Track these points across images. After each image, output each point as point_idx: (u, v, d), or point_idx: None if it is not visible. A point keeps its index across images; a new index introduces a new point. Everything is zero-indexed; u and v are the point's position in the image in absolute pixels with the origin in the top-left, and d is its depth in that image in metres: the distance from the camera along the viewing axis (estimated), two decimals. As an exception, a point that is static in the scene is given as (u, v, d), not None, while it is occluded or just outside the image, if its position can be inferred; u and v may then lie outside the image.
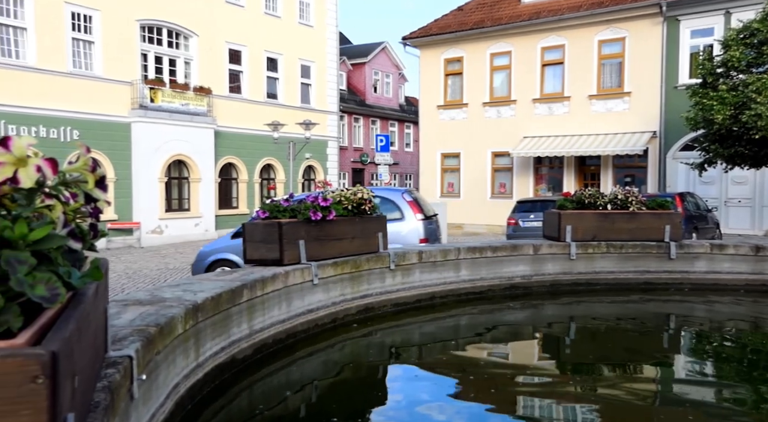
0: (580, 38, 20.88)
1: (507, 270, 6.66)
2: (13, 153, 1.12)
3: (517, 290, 6.75)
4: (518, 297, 6.72)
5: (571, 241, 6.98)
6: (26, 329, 1.04)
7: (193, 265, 9.80)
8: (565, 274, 7.05)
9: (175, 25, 21.59)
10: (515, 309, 6.51)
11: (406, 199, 8.44)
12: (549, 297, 6.92)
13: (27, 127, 18.11)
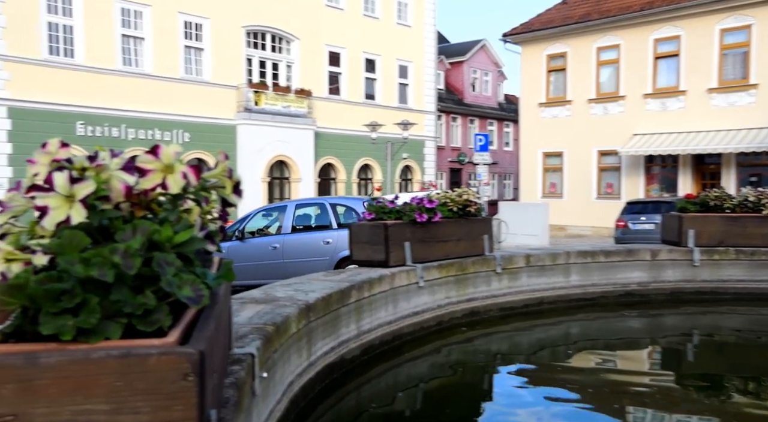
0: (698, 28, 19.41)
1: (621, 276, 6.26)
2: (161, 160, 1.14)
3: (632, 297, 6.33)
4: (634, 305, 6.29)
5: (694, 247, 6.45)
6: (174, 328, 1.04)
7: None
8: (687, 282, 6.52)
9: (279, 29, 22.46)
10: (631, 318, 6.10)
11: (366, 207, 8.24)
12: (669, 306, 6.43)
13: (144, 130, 19.57)
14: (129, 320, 1.01)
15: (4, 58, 16.91)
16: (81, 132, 18.35)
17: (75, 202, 1.06)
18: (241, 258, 9.61)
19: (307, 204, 10.62)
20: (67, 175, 1.07)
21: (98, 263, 1.00)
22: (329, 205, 9.66)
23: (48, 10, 17.65)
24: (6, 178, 17.17)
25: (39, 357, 0.92)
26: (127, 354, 0.94)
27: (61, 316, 0.96)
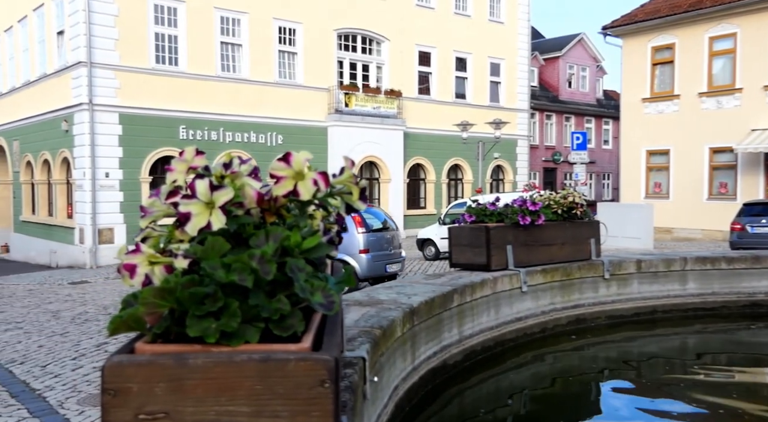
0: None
1: (747, 285, 5.79)
2: (293, 167, 1.17)
3: (759, 308, 5.83)
4: (762, 317, 5.80)
5: (834, 254, 5.85)
6: (306, 333, 1.07)
7: None
8: (824, 294, 5.92)
9: (369, 31, 22.81)
10: (758, 331, 5.63)
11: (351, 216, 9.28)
12: (801, 320, 5.88)
13: (240, 133, 20.53)
14: (266, 324, 1.05)
15: (117, 67, 18.32)
16: (183, 136, 19.54)
17: (215, 208, 1.11)
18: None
19: None
20: (208, 183, 1.12)
21: (238, 268, 1.04)
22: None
23: (155, 21, 18.93)
24: (118, 179, 18.59)
25: (187, 357, 0.97)
26: (267, 359, 0.97)
27: (205, 319, 1.01)
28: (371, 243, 10.45)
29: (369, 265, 10.56)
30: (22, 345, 7.84)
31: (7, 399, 5.45)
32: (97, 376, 6.13)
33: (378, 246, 10.48)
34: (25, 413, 5.04)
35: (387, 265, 10.93)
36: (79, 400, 5.37)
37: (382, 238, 10.72)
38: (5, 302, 12.54)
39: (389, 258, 10.98)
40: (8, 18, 22.83)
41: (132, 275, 1.26)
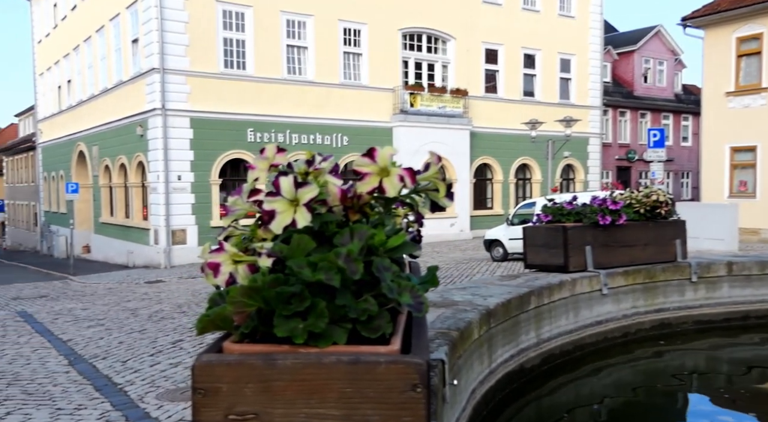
0: None
1: None
2: (377, 163, 1.15)
3: None
4: None
5: None
6: (394, 335, 1.04)
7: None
8: None
9: (435, 30, 22.72)
10: None
11: None
12: None
13: (306, 135, 20.90)
14: (353, 325, 1.02)
15: (187, 73, 19.06)
16: (251, 138, 20.09)
17: (300, 206, 1.10)
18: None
19: None
20: (292, 180, 1.12)
21: (325, 267, 1.02)
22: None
23: (224, 26, 19.57)
24: (189, 182, 19.32)
25: (276, 358, 0.96)
26: (357, 361, 0.95)
27: (292, 319, 1.00)
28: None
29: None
30: (104, 341, 8.26)
31: (91, 393, 5.74)
32: (174, 372, 6.37)
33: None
34: (109, 406, 5.29)
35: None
36: (158, 395, 5.59)
37: None
38: (88, 300, 13.28)
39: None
40: (87, 28, 24.20)
41: (216, 274, 1.26)
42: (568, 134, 19.27)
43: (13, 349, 7.96)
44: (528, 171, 25.55)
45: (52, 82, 29.82)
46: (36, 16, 31.85)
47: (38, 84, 32.47)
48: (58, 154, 29.06)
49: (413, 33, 22.54)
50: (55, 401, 5.52)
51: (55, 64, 29.06)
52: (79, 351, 7.72)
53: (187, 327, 8.94)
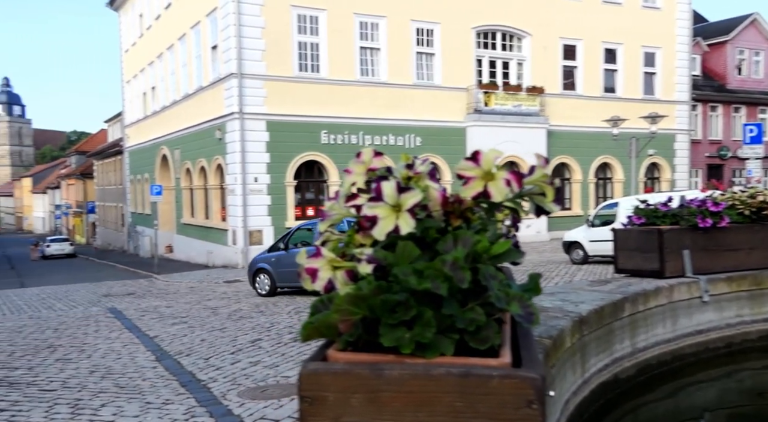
0: None
1: None
2: (482, 167, 1.11)
3: None
4: None
5: None
6: (502, 347, 1.00)
7: (248, 271, 14.07)
8: None
9: (510, 27, 22.34)
10: None
11: None
12: None
13: (379, 136, 21.05)
14: (460, 336, 1.00)
15: (264, 77, 19.65)
16: (325, 140, 20.46)
17: (402, 211, 1.09)
18: (286, 265, 12.33)
19: None
20: (395, 185, 1.10)
21: (431, 275, 1.00)
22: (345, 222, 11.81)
23: (298, 31, 20.04)
24: (266, 184, 19.90)
25: (383, 368, 0.95)
26: (467, 374, 0.92)
27: (397, 328, 0.99)
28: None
29: None
30: (187, 339, 8.63)
31: (177, 388, 6.00)
32: (254, 371, 6.56)
33: None
34: (194, 402, 5.51)
35: None
36: (239, 392, 5.77)
37: None
38: (171, 298, 13.94)
39: None
40: (170, 36, 25.42)
41: (314, 279, 1.27)
42: (653, 131, 18.43)
43: (105, 344, 8.46)
44: (609, 170, 24.64)
45: (138, 89, 31.54)
46: (124, 27, 33.81)
47: (125, 91, 34.45)
48: (143, 157, 30.70)
49: (487, 31, 22.24)
50: (144, 395, 5.81)
51: (140, 71, 30.72)
52: (164, 347, 8.10)
53: (265, 327, 9.19)
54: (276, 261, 13.01)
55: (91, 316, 11.29)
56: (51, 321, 10.86)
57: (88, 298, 14.89)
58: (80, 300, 14.49)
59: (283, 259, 12.76)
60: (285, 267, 12.59)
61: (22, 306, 14.00)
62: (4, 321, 11.33)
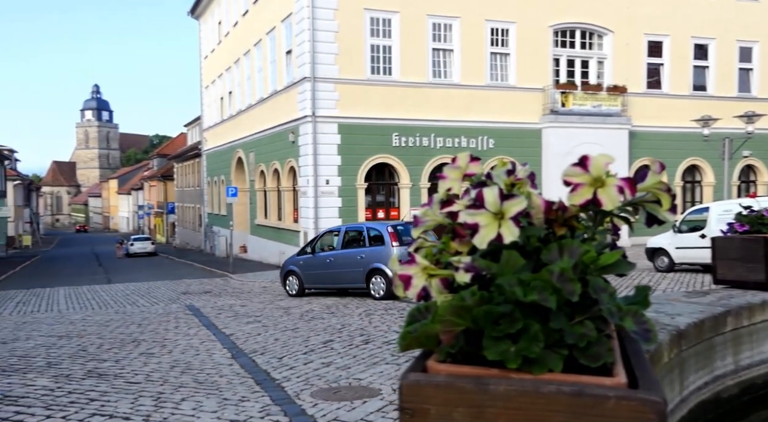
0: None
1: None
2: (590, 173, 1.06)
3: None
4: None
5: None
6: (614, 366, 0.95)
7: (280, 272, 15.02)
8: None
9: (590, 24, 21.67)
10: None
11: (388, 231, 12.57)
12: None
13: (451, 138, 20.91)
14: (570, 352, 0.95)
15: (336, 80, 19.96)
16: (396, 143, 20.53)
17: (505, 219, 1.05)
18: (313, 268, 13.60)
19: (353, 228, 14.11)
20: (498, 192, 1.07)
21: (538, 286, 0.97)
22: (365, 228, 13.36)
23: (371, 33, 20.22)
24: (337, 186, 20.20)
25: (488, 383, 0.92)
26: (580, 393, 0.87)
27: (501, 341, 0.95)
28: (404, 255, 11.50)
29: None
30: (261, 338, 8.86)
31: (253, 386, 6.17)
32: (326, 372, 6.65)
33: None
34: (268, 400, 5.64)
35: None
36: (312, 393, 5.86)
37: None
38: (246, 297, 14.38)
39: None
40: (247, 42, 26.29)
41: (407, 286, 1.25)
42: (750, 131, 17.36)
43: (184, 340, 8.82)
44: (698, 173, 23.42)
45: (216, 93, 32.81)
46: (203, 34, 35.27)
47: (204, 96, 35.91)
48: (220, 160, 31.88)
49: (565, 29, 21.67)
50: (221, 391, 6.00)
51: (218, 77, 31.94)
52: (240, 345, 8.35)
53: (336, 328, 9.31)
54: (304, 264, 13.81)
55: (171, 313, 11.80)
56: (135, 317, 11.44)
57: (168, 295, 15.59)
58: (161, 297, 15.20)
59: (311, 262, 13.67)
60: (312, 269, 13.53)
61: (108, 301, 14.83)
62: (93, 315, 12.04)
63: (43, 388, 6.18)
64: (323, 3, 19.47)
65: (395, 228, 12.71)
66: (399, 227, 12.93)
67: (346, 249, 13.31)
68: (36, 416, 5.22)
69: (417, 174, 20.65)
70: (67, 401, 5.68)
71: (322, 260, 13.56)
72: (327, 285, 13.63)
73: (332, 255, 13.45)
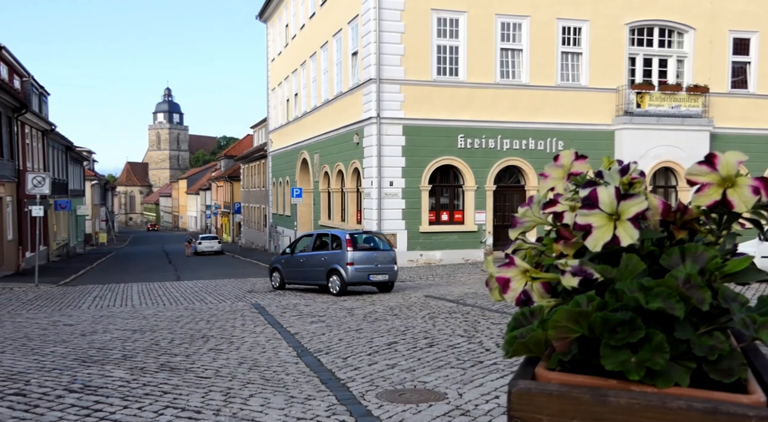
0: None
1: None
2: (719, 172, 0.99)
3: None
4: None
5: None
6: (748, 382, 0.87)
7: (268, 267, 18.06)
8: None
9: (669, 22, 20.83)
10: None
11: (346, 238, 14.65)
12: None
13: (518, 140, 20.56)
14: (698, 365, 0.89)
15: (402, 82, 20.00)
16: (461, 145, 20.37)
17: (623, 221, 1.00)
18: (291, 266, 16.27)
19: (322, 234, 16.16)
20: (614, 191, 1.01)
21: (663, 293, 0.90)
22: (330, 234, 15.67)
23: (438, 34, 20.16)
24: (400, 188, 20.22)
25: (608, 394, 0.87)
26: (715, 411, 0.81)
27: (620, 351, 0.90)
28: (356, 258, 14.43)
29: (353, 274, 14.36)
30: (326, 337, 8.96)
31: (318, 385, 6.23)
32: (390, 373, 6.63)
33: (363, 261, 14.49)
34: (334, 400, 5.68)
35: (370, 275, 14.54)
36: (378, 394, 5.86)
37: (368, 255, 14.69)
38: (309, 297, 14.60)
39: (373, 270, 14.54)
40: (314, 45, 26.74)
41: (505, 289, 1.21)
42: None
43: (251, 337, 9.02)
44: (784, 179, 22.09)
45: (282, 96, 33.55)
46: (271, 37, 36.15)
47: (270, 98, 36.79)
48: (285, 161, 32.56)
49: (643, 27, 20.91)
50: (288, 389, 6.09)
51: (284, 79, 32.64)
52: (304, 344, 8.47)
53: (400, 330, 9.29)
54: (285, 263, 16.50)
55: (237, 310, 12.11)
56: (203, 313, 11.81)
57: (235, 293, 16.03)
58: (227, 295, 15.63)
59: (290, 261, 16.30)
60: (290, 267, 16.22)
61: (178, 297, 15.39)
62: (164, 310, 12.51)
63: (120, 380, 6.45)
64: (390, 4, 19.56)
65: (351, 236, 14.94)
66: (355, 235, 15.18)
67: (314, 252, 15.56)
68: (114, 406, 5.45)
69: (482, 176, 20.41)
70: (142, 393, 5.91)
71: (297, 260, 16.04)
72: (300, 281, 16.10)
73: (304, 255, 15.83)
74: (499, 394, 5.73)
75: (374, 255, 14.81)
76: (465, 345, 8.04)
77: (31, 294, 16.34)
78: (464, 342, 8.23)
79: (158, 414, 5.23)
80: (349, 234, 14.90)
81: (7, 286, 18.07)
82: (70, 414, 5.23)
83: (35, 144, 30.48)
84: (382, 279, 14.74)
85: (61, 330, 9.99)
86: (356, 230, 17.83)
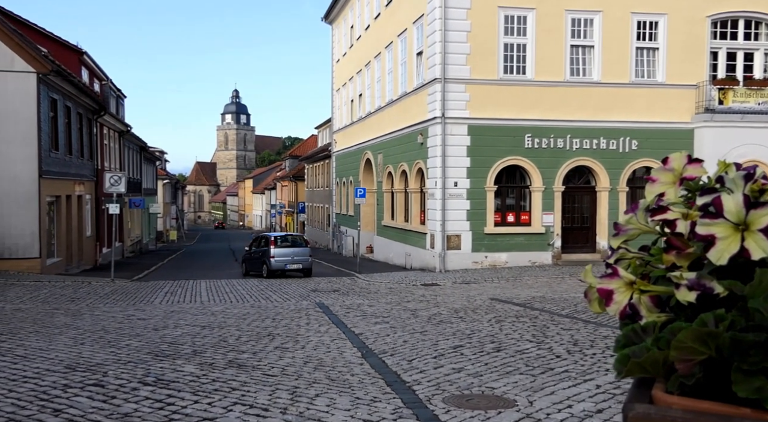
0: None
1: None
2: None
3: None
4: None
5: None
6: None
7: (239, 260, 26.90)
8: None
9: (757, 13, 19.74)
10: None
11: (271, 239, 22.05)
12: None
13: (588, 139, 19.97)
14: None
15: (467, 81, 19.79)
16: (528, 145, 19.97)
17: (753, 231, 0.91)
18: (249, 259, 23.41)
19: (261, 236, 23.18)
20: (743, 199, 0.93)
21: (804, 314, 0.81)
22: (264, 237, 22.81)
23: (505, 32, 19.83)
24: (465, 188, 20.02)
25: (740, 424, 0.79)
26: None
27: (755, 376, 0.82)
28: (277, 253, 21.35)
29: (275, 264, 21.19)
30: (390, 339, 8.95)
31: (383, 387, 6.22)
32: (457, 378, 6.55)
33: (282, 255, 21.35)
34: (400, 403, 5.65)
35: (287, 265, 21.28)
36: (444, 398, 5.79)
37: (286, 251, 21.53)
38: (372, 297, 14.65)
39: (290, 262, 21.30)
40: (378, 45, 26.86)
41: (608, 302, 1.14)
42: None
43: (315, 337, 9.13)
44: None
45: (346, 96, 33.88)
46: (336, 39, 36.60)
47: (335, 99, 37.24)
48: (348, 161, 32.87)
49: (726, 19, 19.88)
50: (353, 390, 6.11)
51: (349, 80, 32.96)
52: (369, 345, 8.48)
53: (466, 333, 9.18)
54: (247, 256, 23.93)
55: (302, 309, 12.29)
56: (269, 311, 12.05)
57: (299, 292, 16.29)
58: (292, 294, 15.91)
59: (250, 255, 23.40)
60: (248, 259, 23.44)
61: (244, 295, 15.78)
62: (231, 308, 12.85)
63: (191, 374, 6.65)
64: (456, 3, 19.40)
65: (275, 237, 22.30)
66: (278, 236, 22.75)
67: (257, 249, 22.73)
68: (185, 400, 5.62)
69: (550, 177, 19.94)
70: (211, 388, 6.06)
71: (250, 254, 23.27)
72: (252, 269, 22.83)
73: (254, 251, 22.94)
74: (572, 404, 5.55)
75: (291, 251, 21.50)
76: (534, 350, 7.85)
77: (107, 289, 17.14)
78: (533, 347, 8.04)
79: (227, 410, 5.35)
80: (273, 237, 22.31)
81: (86, 280, 19.05)
82: (144, 407, 5.42)
83: (112, 144, 32.03)
84: (297, 268, 21.43)
85: (135, 324, 10.42)
86: (280, 232, 26.46)
